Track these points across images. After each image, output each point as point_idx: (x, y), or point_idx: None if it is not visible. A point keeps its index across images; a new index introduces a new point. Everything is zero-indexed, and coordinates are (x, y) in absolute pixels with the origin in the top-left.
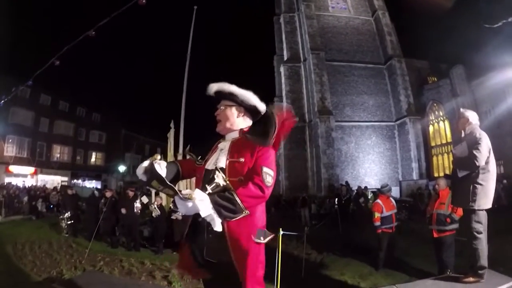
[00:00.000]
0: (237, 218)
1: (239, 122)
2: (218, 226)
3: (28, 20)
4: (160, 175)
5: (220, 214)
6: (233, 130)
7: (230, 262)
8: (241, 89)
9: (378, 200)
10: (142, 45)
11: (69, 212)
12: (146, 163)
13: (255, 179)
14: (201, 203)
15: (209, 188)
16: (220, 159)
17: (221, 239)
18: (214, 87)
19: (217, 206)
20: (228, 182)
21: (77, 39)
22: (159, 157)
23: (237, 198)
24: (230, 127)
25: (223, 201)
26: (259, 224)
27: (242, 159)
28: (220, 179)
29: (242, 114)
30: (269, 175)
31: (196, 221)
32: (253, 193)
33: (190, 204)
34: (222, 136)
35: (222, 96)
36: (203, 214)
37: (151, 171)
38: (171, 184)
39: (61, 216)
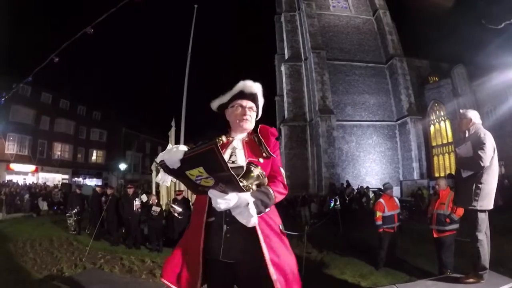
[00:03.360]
0: (263, 213)
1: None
2: (254, 221)
3: (29, 18)
4: (223, 161)
5: (257, 208)
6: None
7: (257, 259)
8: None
9: (381, 199)
10: (143, 43)
11: (76, 209)
12: (184, 147)
13: (278, 178)
14: (247, 197)
15: (247, 182)
16: (238, 157)
17: (249, 236)
18: (254, 87)
19: (256, 200)
20: (264, 176)
21: (75, 36)
22: (224, 138)
23: (272, 192)
24: (250, 129)
25: (261, 195)
26: (278, 217)
27: (261, 160)
28: (258, 171)
29: (257, 116)
30: (284, 176)
31: (207, 222)
32: (281, 190)
33: (235, 198)
34: (223, 133)
35: (253, 97)
36: (251, 209)
37: (205, 155)
38: (232, 172)
39: (68, 214)
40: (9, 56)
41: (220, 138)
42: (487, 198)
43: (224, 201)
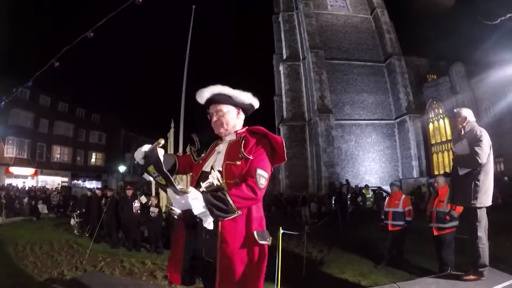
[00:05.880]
0: (230, 218)
1: (238, 122)
2: (209, 225)
3: (28, 21)
4: (159, 160)
5: (212, 213)
6: (232, 132)
7: (215, 262)
8: (235, 90)
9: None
10: (141, 45)
11: (79, 211)
12: (146, 147)
13: (248, 181)
14: (194, 201)
15: (203, 186)
16: (217, 162)
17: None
18: (206, 93)
19: (209, 205)
20: (222, 182)
21: (76, 40)
22: (162, 141)
23: (229, 198)
24: (232, 129)
25: (215, 200)
26: (257, 224)
27: (238, 162)
28: (214, 178)
29: (239, 113)
30: (263, 177)
31: (195, 221)
32: (245, 195)
33: (183, 200)
34: (219, 137)
35: (216, 100)
36: (195, 212)
37: (150, 155)
38: (166, 172)
39: (74, 216)
40: (8, 59)
41: (158, 141)
42: (486, 195)
43: (174, 201)
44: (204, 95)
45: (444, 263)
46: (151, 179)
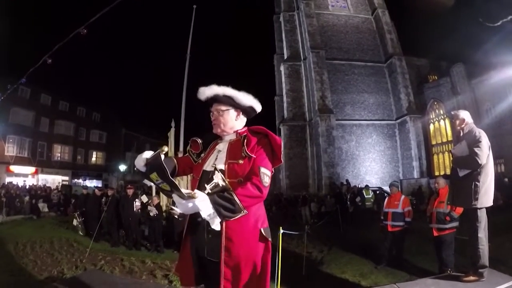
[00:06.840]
0: (236, 217)
1: (237, 124)
2: (216, 225)
3: (26, 19)
4: (164, 168)
5: (219, 214)
6: (231, 132)
7: (219, 261)
8: (236, 91)
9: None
10: (142, 44)
11: (79, 211)
12: (148, 154)
13: (253, 179)
14: (202, 203)
15: (208, 188)
16: (218, 160)
17: (220, 238)
18: (207, 92)
19: (216, 206)
20: (227, 182)
21: (68, 37)
22: (166, 149)
23: (236, 198)
24: (230, 130)
25: (222, 201)
26: (261, 222)
27: (241, 161)
28: (219, 179)
29: (239, 115)
30: (266, 175)
31: (196, 221)
32: (252, 193)
33: (190, 204)
34: (218, 136)
35: (217, 100)
36: (203, 214)
37: (154, 162)
38: (172, 179)
39: (76, 216)
40: (7, 58)
41: (162, 148)
42: (486, 195)
43: (180, 205)
44: (205, 93)
45: (444, 263)
46: (153, 185)
